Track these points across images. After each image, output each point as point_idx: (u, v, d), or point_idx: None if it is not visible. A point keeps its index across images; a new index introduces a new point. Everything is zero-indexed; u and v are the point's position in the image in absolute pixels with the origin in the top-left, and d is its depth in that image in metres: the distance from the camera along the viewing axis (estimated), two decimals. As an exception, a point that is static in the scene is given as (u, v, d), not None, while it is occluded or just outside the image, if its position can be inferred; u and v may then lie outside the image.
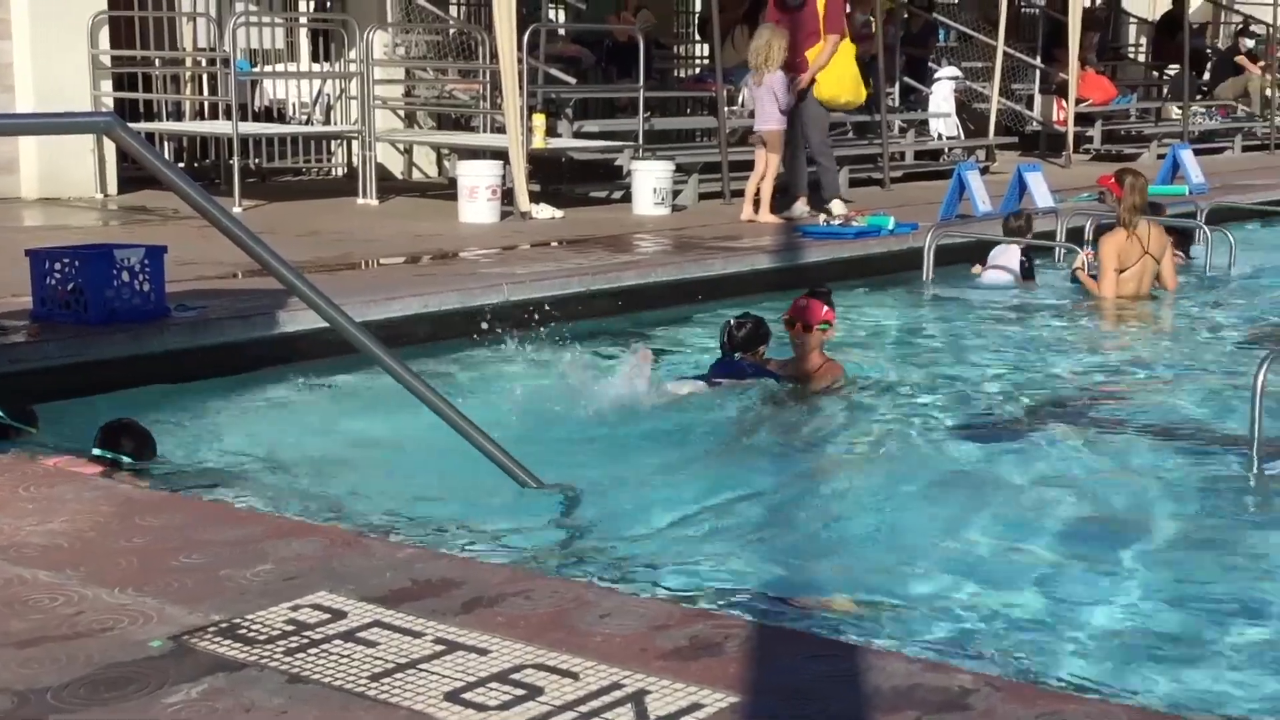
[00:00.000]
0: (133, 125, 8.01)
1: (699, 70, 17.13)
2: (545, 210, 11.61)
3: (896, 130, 16.14)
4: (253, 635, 3.24)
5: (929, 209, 11.80)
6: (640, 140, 13.26)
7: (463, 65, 14.28)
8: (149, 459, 5.49)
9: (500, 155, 11.77)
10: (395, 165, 14.73)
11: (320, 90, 14.90)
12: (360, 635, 3.24)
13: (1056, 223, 11.44)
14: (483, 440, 5.03)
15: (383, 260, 9.54)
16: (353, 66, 13.52)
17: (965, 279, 10.44)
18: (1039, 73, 18.72)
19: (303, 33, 15.39)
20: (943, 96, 16.86)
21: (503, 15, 11.13)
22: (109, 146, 12.29)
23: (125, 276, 6.99)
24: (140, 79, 13.39)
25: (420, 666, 3.08)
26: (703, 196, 13.10)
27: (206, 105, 13.80)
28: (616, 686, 2.97)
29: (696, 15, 17.90)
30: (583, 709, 2.88)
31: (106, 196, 12.37)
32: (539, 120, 12.02)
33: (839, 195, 12.38)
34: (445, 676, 3.03)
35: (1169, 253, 9.92)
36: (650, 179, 12.14)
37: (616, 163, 13.20)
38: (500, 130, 12.19)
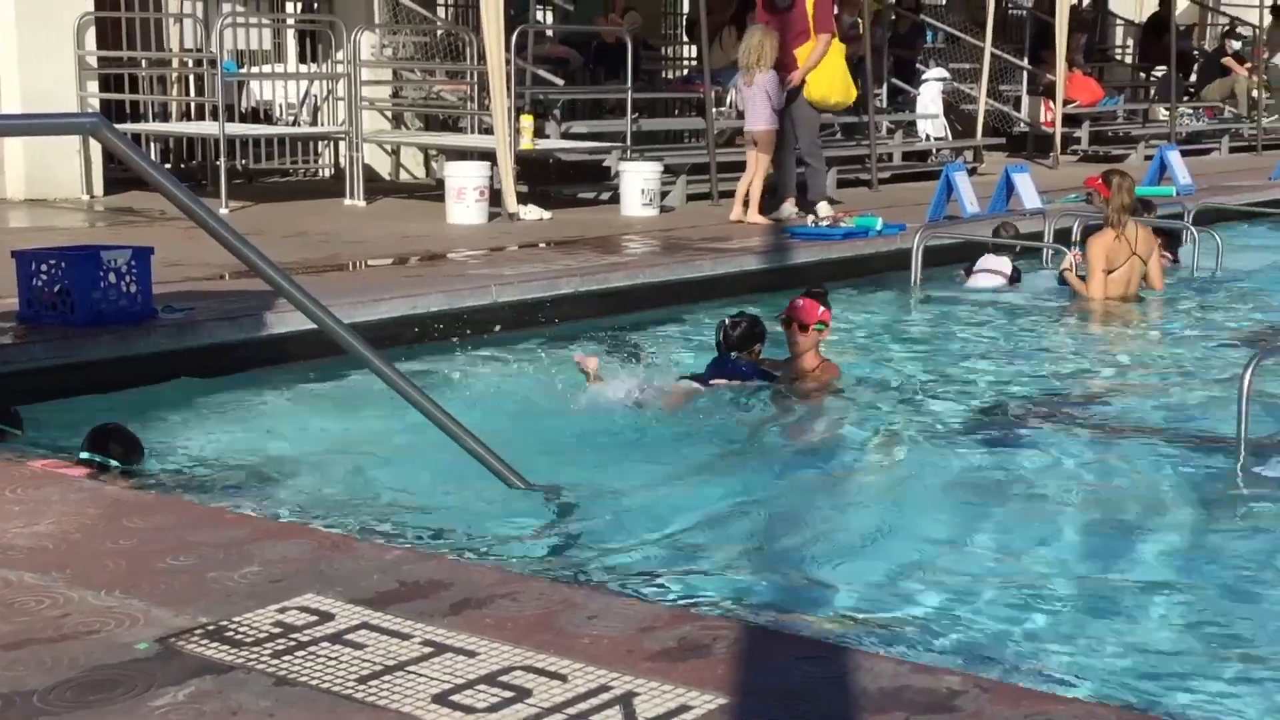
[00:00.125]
0: (119, 126, 8.00)
1: (687, 71, 17.14)
2: (533, 211, 11.60)
3: (884, 131, 16.16)
4: (240, 637, 3.24)
5: (917, 210, 11.81)
6: (628, 141, 13.26)
7: (450, 66, 14.27)
8: (136, 462, 5.47)
9: (488, 156, 11.76)
10: (383, 166, 14.71)
11: (307, 91, 14.88)
12: (348, 637, 3.24)
13: (1044, 224, 11.46)
14: (470, 442, 5.02)
15: (370, 261, 9.53)
16: (340, 67, 13.50)
17: (954, 281, 10.45)
18: (1026, 74, 18.75)
19: (290, 34, 15.36)
20: (930, 98, 16.88)
21: (490, 16, 11.12)
22: (95, 148, 12.26)
23: (112, 278, 6.97)
24: (126, 80, 13.36)
25: (408, 668, 3.07)
26: (691, 198, 13.10)
27: (193, 106, 13.77)
28: (605, 688, 2.97)
29: (684, 17, 17.91)
30: (571, 711, 2.88)
31: (93, 198, 12.34)
32: (527, 121, 12.01)
33: (826, 197, 12.38)
34: (433, 678, 3.02)
35: (1156, 253, 9.94)
36: (638, 180, 12.14)
37: (604, 164, 13.19)
38: (488, 131, 12.18)
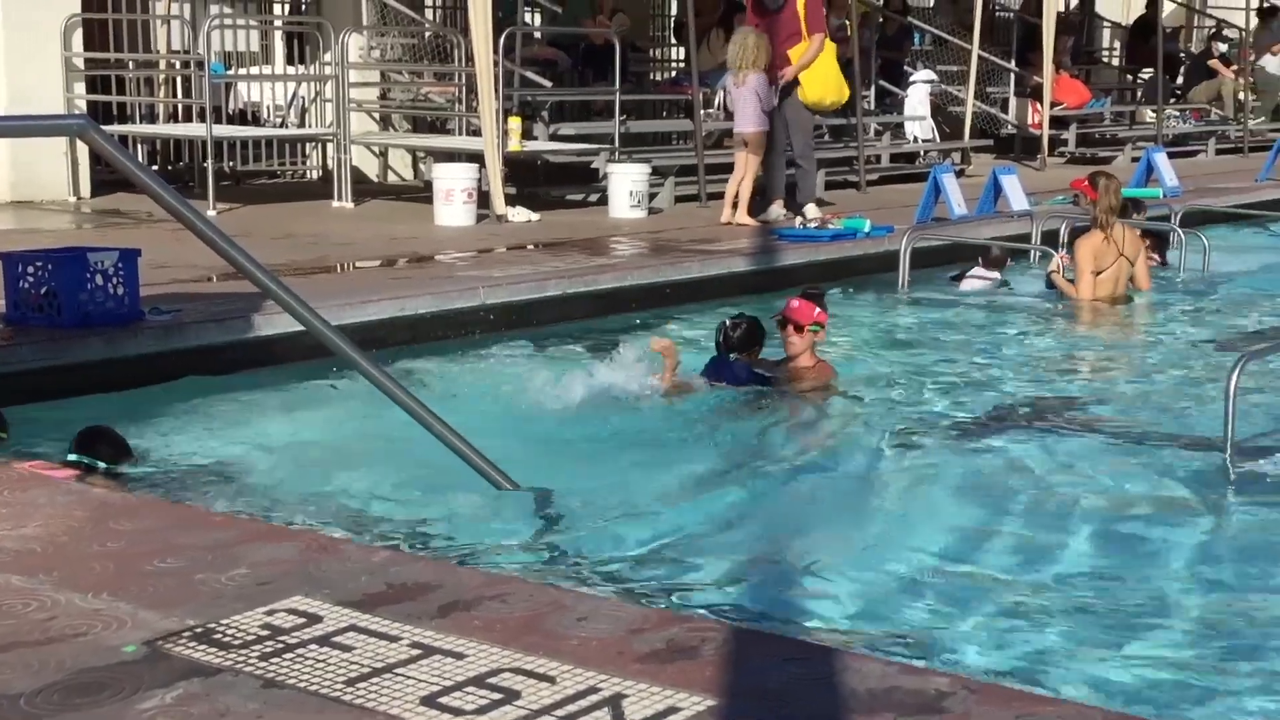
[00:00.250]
0: (106, 128, 7.98)
1: (675, 73, 17.14)
2: (521, 213, 11.60)
3: (872, 133, 16.18)
4: (228, 640, 3.23)
5: (905, 212, 11.82)
6: (616, 143, 13.26)
7: (438, 68, 14.26)
8: (124, 464, 5.46)
9: (476, 158, 11.75)
10: (370, 168, 14.69)
11: (295, 93, 14.85)
12: (336, 640, 3.23)
13: (1031, 226, 11.48)
14: (458, 443, 5.02)
15: (358, 263, 9.52)
16: (328, 69, 13.49)
17: (942, 283, 10.46)
18: (1014, 76, 18.78)
19: (277, 35, 15.34)
20: (918, 100, 16.90)
21: (478, 18, 11.11)
22: (82, 149, 12.23)
23: (99, 280, 6.96)
24: (113, 81, 13.32)
25: (396, 671, 3.07)
26: (679, 199, 13.10)
27: (180, 108, 13.74)
28: (593, 690, 2.97)
29: (672, 19, 17.92)
30: (560, 713, 2.87)
31: (79, 199, 12.30)
32: (515, 123, 12.00)
33: (816, 198, 12.39)
34: (421, 681, 3.02)
35: (1143, 255, 9.97)
36: (626, 182, 12.14)
37: (592, 166, 13.19)
38: (476, 133, 12.17)
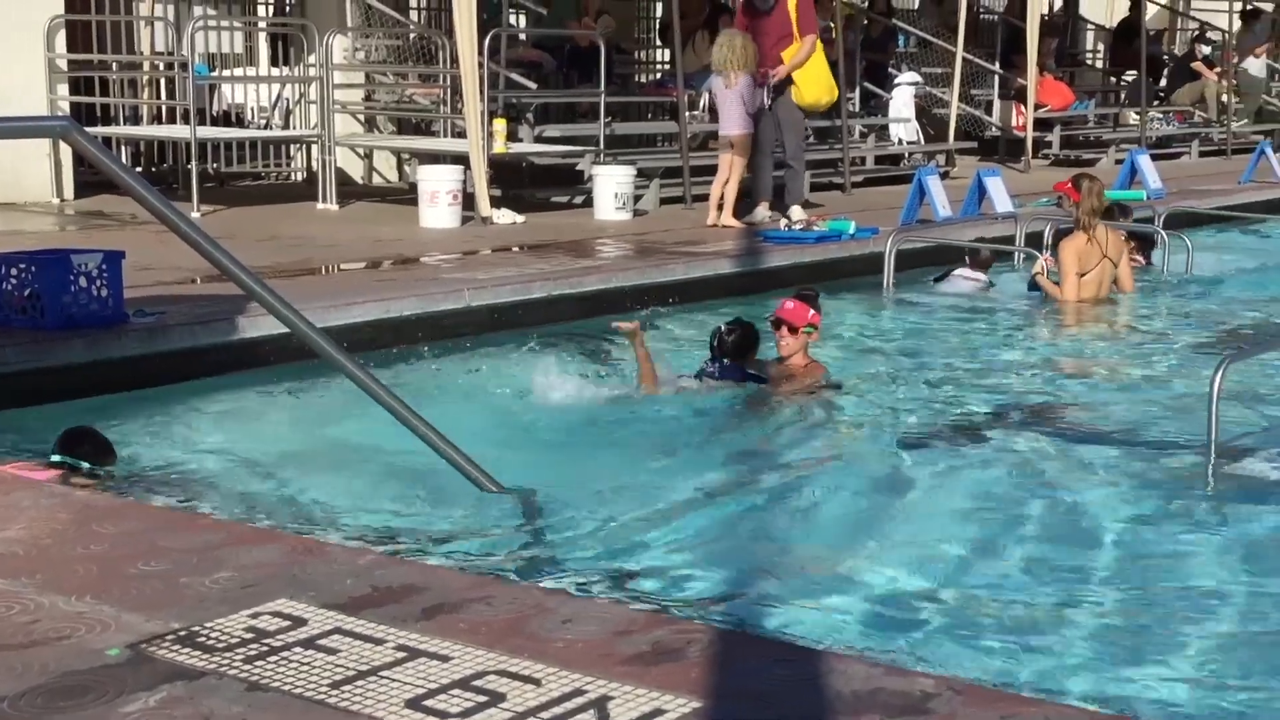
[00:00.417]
0: (89, 129, 7.96)
1: (660, 75, 17.14)
2: (506, 215, 11.59)
3: (857, 135, 16.20)
4: (212, 643, 3.22)
5: (889, 214, 11.84)
6: (601, 145, 13.26)
7: (423, 70, 14.25)
8: (108, 465, 5.44)
9: (461, 160, 11.74)
10: (355, 170, 14.67)
11: (279, 95, 14.83)
12: (321, 643, 3.22)
13: (1016, 228, 11.50)
14: (443, 445, 5.01)
15: (343, 265, 9.51)
16: (312, 71, 13.46)
17: (926, 284, 10.48)
18: (998, 78, 18.81)
19: (261, 37, 15.31)
20: (903, 102, 16.92)
21: (463, 20, 11.10)
22: (65, 151, 12.19)
23: (83, 282, 6.93)
24: (97, 83, 13.29)
25: (381, 674, 3.06)
26: (664, 201, 13.11)
27: (164, 109, 13.71)
28: (579, 692, 2.97)
29: (657, 21, 17.91)
30: (545, 715, 2.87)
31: (63, 201, 12.27)
32: (500, 125, 12.00)
33: (804, 200, 12.39)
34: (406, 684, 3.02)
35: (1126, 256, 10.00)
36: (611, 184, 12.14)
37: (578, 167, 13.19)
38: (461, 135, 12.15)
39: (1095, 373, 8.13)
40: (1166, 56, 23.74)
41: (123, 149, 13.33)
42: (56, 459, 5.27)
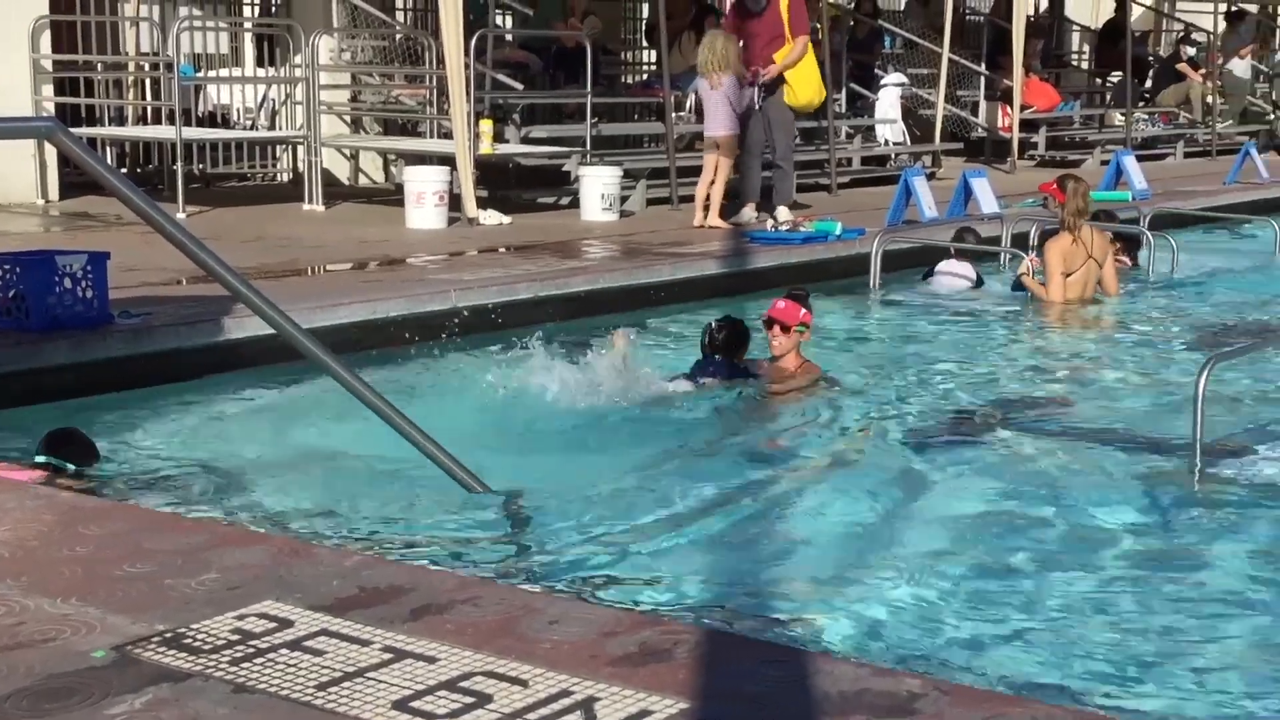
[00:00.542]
0: (74, 130, 7.95)
1: (646, 76, 17.15)
2: (493, 216, 11.58)
3: (843, 136, 16.22)
4: (198, 645, 3.21)
5: (876, 214, 11.86)
6: (588, 146, 13.26)
7: (409, 71, 14.24)
8: (91, 466, 5.43)
9: (447, 161, 11.73)
10: (341, 171, 14.65)
11: (265, 95, 14.81)
12: (307, 644, 3.22)
13: (1002, 229, 11.53)
14: (430, 447, 5.01)
15: (329, 266, 9.50)
16: (298, 71, 13.45)
17: (913, 284, 10.49)
18: (984, 80, 18.85)
19: (247, 38, 15.28)
20: (889, 103, 16.95)
21: (449, 21, 11.10)
22: (50, 152, 12.17)
23: (68, 283, 6.92)
24: (82, 84, 13.26)
25: (368, 675, 3.06)
26: (650, 202, 13.11)
27: (149, 110, 13.68)
28: (565, 694, 2.97)
29: (644, 21, 17.92)
30: (532, 716, 2.87)
31: (48, 202, 12.24)
32: (486, 126, 11.99)
33: (792, 200, 12.40)
34: (393, 685, 3.01)
35: (1110, 257, 10.02)
36: (598, 185, 12.14)
37: (564, 168, 13.19)
38: (447, 136, 12.15)
39: (1080, 373, 8.14)
40: (1152, 58, 23.82)
41: (108, 150, 13.30)
42: (41, 459, 5.26)
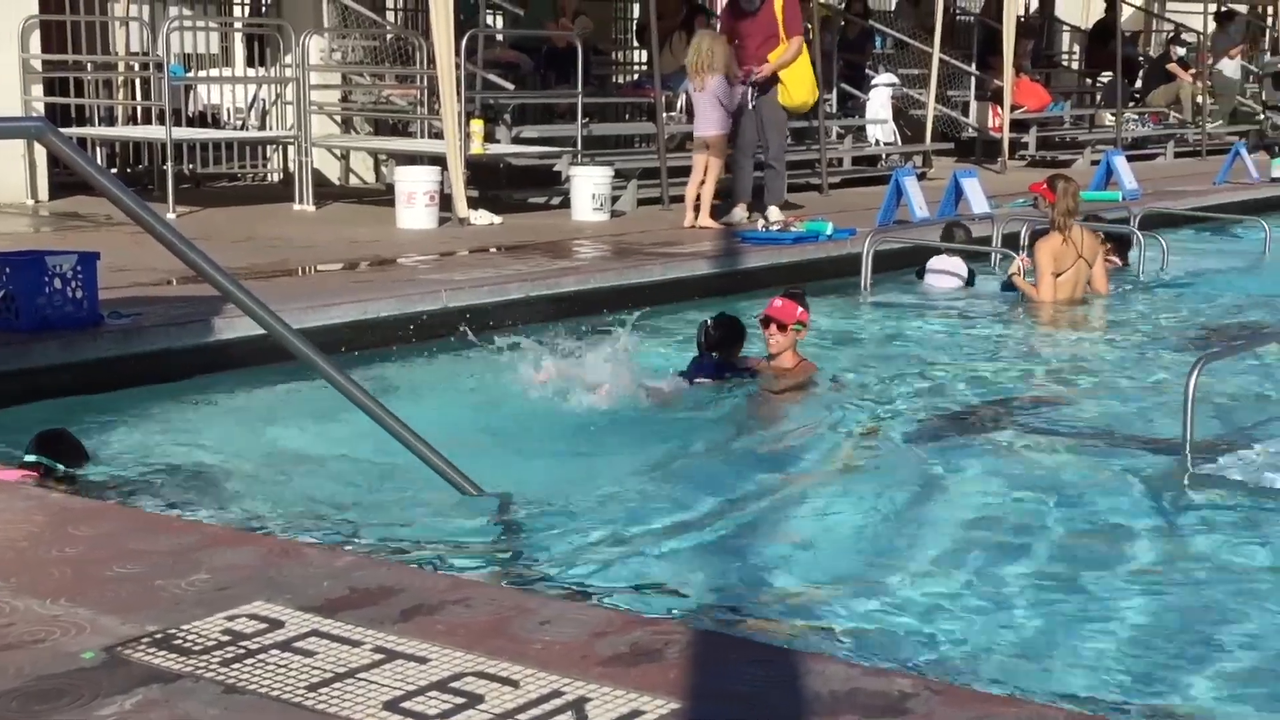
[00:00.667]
0: (64, 130, 7.93)
1: (637, 76, 17.16)
2: (484, 216, 11.58)
3: (834, 136, 16.23)
4: (188, 646, 3.21)
5: (867, 214, 11.86)
6: (579, 146, 13.26)
7: (400, 71, 14.22)
8: (80, 467, 5.42)
9: (438, 161, 11.73)
10: (332, 171, 14.64)
11: (255, 95, 14.79)
12: (298, 645, 3.21)
13: (992, 228, 11.54)
14: (422, 448, 5.00)
15: (320, 267, 9.49)
16: (288, 71, 13.43)
17: (903, 284, 10.50)
18: (974, 80, 18.87)
19: (237, 38, 15.26)
20: (880, 103, 16.97)
21: (440, 20, 11.09)
22: (40, 152, 12.15)
23: (57, 283, 6.91)
24: (72, 84, 13.24)
25: (359, 676, 3.05)
26: (641, 202, 13.11)
27: (139, 110, 13.66)
28: (557, 694, 2.96)
29: (634, 22, 17.93)
30: (523, 717, 2.87)
31: (38, 202, 12.22)
32: (477, 126, 11.98)
33: (784, 200, 12.42)
34: (384, 685, 3.01)
35: (1100, 257, 10.04)
36: (589, 185, 12.13)
37: (555, 168, 13.18)
38: (438, 136, 12.14)
39: (1070, 373, 8.15)
40: (1142, 58, 23.86)
41: (98, 150, 13.28)
42: (31, 459, 5.25)
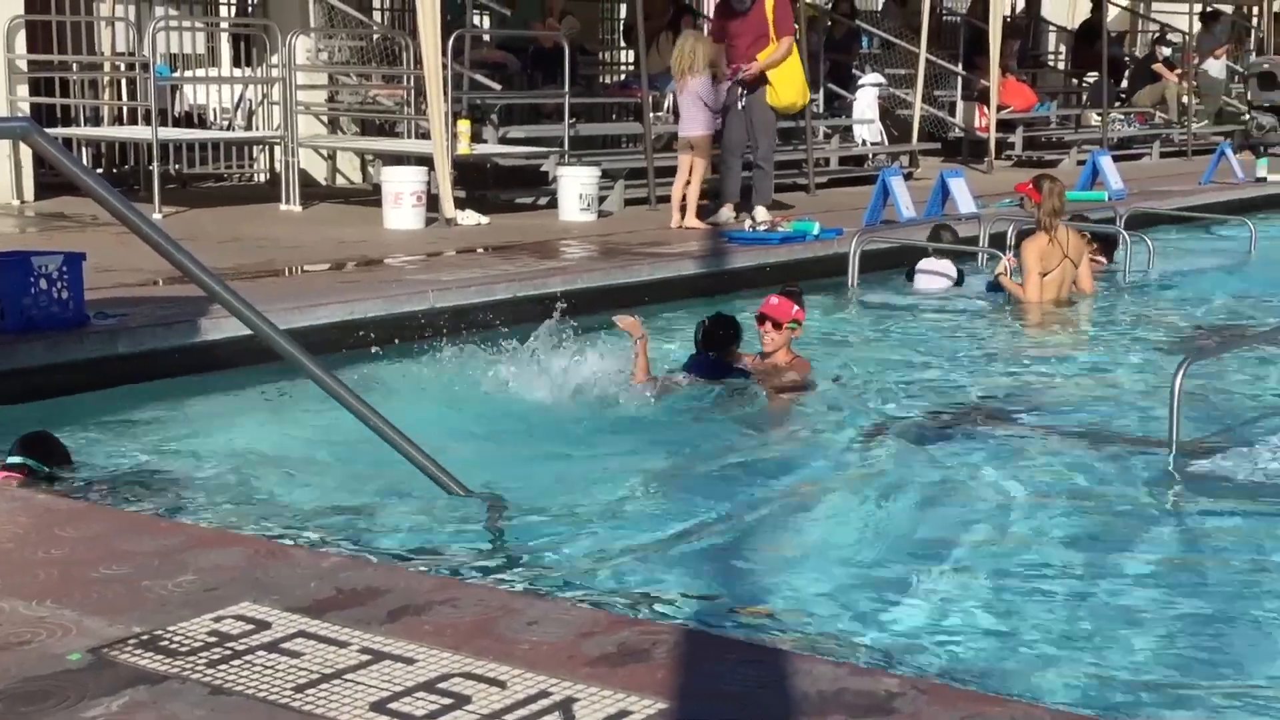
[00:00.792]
0: (50, 130, 7.91)
1: (624, 76, 17.15)
2: (471, 216, 11.57)
3: (821, 136, 16.24)
4: (174, 647, 3.20)
5: (853, 214, 11.87)
6: (566, 146, 13.25)
7: (387, 71, 14.21)
8: (64, 468, 5.41)
9: (425, 161, 11.72)
10: (319, 171, 14.62)
11: (242, 95, 14.77)
12: (284, 646, 3.21)
13: (979, 228, 11.56)
14: (409, 448, 4.99)
15: (306, 267, 9.47)
16: (275, 72, 13.41)
17: (891, 284, 10.51)
18: (961, 80, 18.89)
19: (224, 37, 15.24)
20: (866, 103, 16.98)
21: (426, 21, 11.08)
22: (26, 152, 12.12)
23: (43, 284, 6.89)
24: (57, 84, 13.21)
25: (346, 676, 3.05)
26: (628, 202, 13.11)
27: (125, 110, 13.63)
28: (544, 694, 2.96)
29: (621, 22, 17.92)
30: (510, 717, 2.87)
31: (23, 203, 12.18)
32: (464, 126, 11.97)
33: (771, 201, 12.42)
34: (371, 686, 3.00)
35: (1086, 257, 10.07)
36: (576, 185, 12.13)
37: (542, 169, 13.17)
38: (425, 136, 12.13)
39: (1057, 372, 8.17)
40: (1127, 58, 23.91)
41: (83, 150, 13.25)
42: (15, 461, 5.23)
